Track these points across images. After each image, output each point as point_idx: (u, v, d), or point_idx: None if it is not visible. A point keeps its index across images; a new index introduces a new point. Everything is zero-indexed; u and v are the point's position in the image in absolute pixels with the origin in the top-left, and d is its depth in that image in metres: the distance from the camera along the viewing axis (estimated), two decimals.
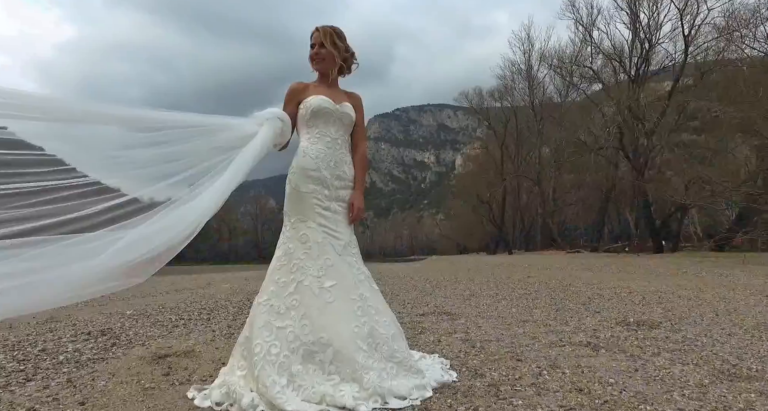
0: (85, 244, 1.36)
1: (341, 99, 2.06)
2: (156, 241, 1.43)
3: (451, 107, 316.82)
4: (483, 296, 5.57)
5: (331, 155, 1.99)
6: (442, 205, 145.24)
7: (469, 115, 47.26)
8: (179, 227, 1.48)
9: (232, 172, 1.66)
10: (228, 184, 1.63)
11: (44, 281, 1.29)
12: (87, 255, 1.34)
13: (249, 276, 14.30)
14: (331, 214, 1.96)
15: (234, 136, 1.77)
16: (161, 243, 1.44)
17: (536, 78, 35.59)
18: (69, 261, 1.32)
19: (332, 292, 1.83)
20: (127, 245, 1.38)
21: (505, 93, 38.19)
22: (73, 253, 1.33)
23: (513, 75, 37.12)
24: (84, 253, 1.34)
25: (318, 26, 2.03)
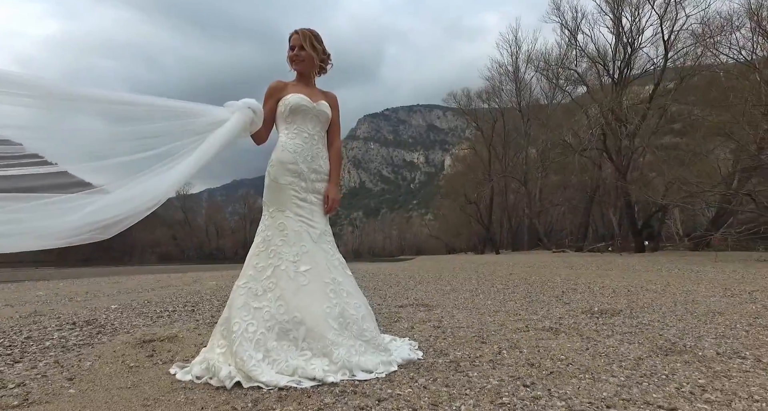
0: (63, 204, 1.53)
1: (318, 97, 2.21)
2: (121, 209, 1.60)
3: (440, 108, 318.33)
4: (462, 291, 5.75)
5: (308, 150, 2.13)
6: (431, 205, 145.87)
7: (459, 116, 47.64)
8: (144, 198, 1.65)
9: (200, 152, 1.80)
10: (195, 163, 1.77)
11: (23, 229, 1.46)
12: (62, 213, 1.51)
13: (236, 274, 14.28)
14: (307, 205, 2.10)
15: (207, 121, 1.90)
16: (126, 211, 1.61)
17: (523, 80, 36.13)
18: (47, 216, 1.49)
19: (307, 275, 1.98)
20: (97, 209, 1.55)
21: (493, 94, 38.67)
22: (52, 210, 1.50)
23: (501, 76, 37.63)
24: (61, 212, 1.51)
25: (297, 29, 2.18)
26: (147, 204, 1.64)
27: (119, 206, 1.58)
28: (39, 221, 1.46)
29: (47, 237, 1.48)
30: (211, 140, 1.84)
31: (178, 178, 1.72)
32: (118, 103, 1.72)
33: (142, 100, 1.77)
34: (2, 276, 21.39)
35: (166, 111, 1.80)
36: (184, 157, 1.77)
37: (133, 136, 1.75)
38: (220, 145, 1.86)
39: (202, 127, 1.87)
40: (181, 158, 1.77)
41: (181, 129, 1.82)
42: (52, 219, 1.48)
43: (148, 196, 1.64)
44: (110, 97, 1.71)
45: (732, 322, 2.91)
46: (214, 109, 1.94)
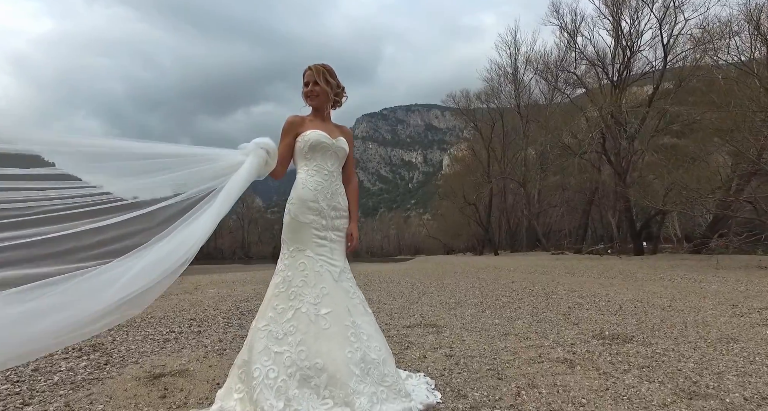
0: (98, 277, 1.44)
1: (336, 133, 2.20)
2: (153, 274, 1.53)
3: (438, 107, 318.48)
4: (468, 305, 5.72)
5: (328, 187, 2.12)
6: (429, 205, 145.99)
7: (457, 115, 47.66)
8: (174, 257, 1.59)
9: (220, 202, 1.77)
10: (217, 213, 1.74)
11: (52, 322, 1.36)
12: (98, 288, 1.42)
13: (236, 279, 14.25)
14: (327, 243, 2.09)
15: (223, 165, 1.87)
16: (158, 275, 1.54)
17: (522, 81, 36.17)
18: (80, 297, 1.40)
19: (328, 319, 1.95)
20: (129, 279, 1.47)
21: (492, 95, 38.68)
22: (85, 288, 1.41)
23: (500, 78, 37.65)
24: (96, 287, 1.42)
25: (310, 65, 2.17)
26: (178, 262, 1.59)
27: (150, 271, 1.52)
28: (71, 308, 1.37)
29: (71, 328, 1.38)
30: (230, 188, 1.81)
31: (203, 230, 1.68)
32: (139, 158, 1.69)
33: (153, 151, 1.73)
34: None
35: (177, 158, 1.77)
36: (204, 208, 1.74)
37: (155, 185, 1.71)
38: (239, 190, 1.85)
39: (220, 172, 1.85)
40: (202, 209, 1.73)
41: (198, 176, 1.80)
42: (85, 301, 1.39)
43: (177, 256, 1.59)
44: (132, 149, 1.68)
45: (749, 352, 2.89)
46: (229, 153, 1.92)
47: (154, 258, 1.53)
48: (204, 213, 1.70)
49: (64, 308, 1.36)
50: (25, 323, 1.31)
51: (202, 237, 1.66)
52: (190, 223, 1.67)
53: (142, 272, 1.49)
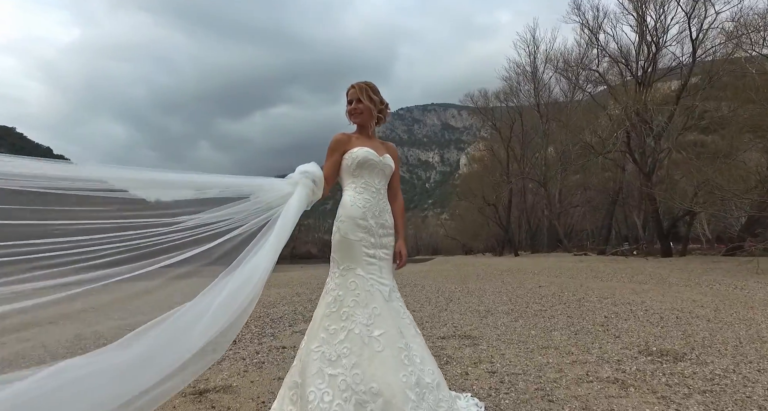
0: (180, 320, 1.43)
1: (382, 150, 2.19)
2: (228, 313, 1.51)
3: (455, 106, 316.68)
4: (499, 313, 5.62)
5: (376, 205, 2.11)
6: (447, 204, 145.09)
7: (474, 114, 47.22)
8: (243, 294, 1.57)
9: (277, 236, 1.75)
10: (275, 249, 1.73)
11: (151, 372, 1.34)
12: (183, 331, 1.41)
13: None
14: (377, 262, 2.06)
15: (272, 198, 1.87)
16: (232, 313, 1.52)
17: (542, 80, 35.52)
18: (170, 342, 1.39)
19: (381, 341, 1.91)
20: (209, 320, 1.46)
21: (511, 94, 38.14)
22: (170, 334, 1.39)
23: (518, 76, 37.08)
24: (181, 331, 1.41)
25: (353, 83, 2.17)
26: (249, 296, 1.59)
27: (227, 307, 1.51)
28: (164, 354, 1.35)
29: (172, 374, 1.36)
30: (282, 223, 1.80)
31: (265, 266, 1.67)
32: (190, 188, 1.69)
33: (201, 182, 1.74)
34: None
35: (233, 191, 1.78)
36: (263, 240, 1.73)
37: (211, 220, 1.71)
38: (292, 223, 1.84)
39: (272, 204, 1.85)
40: (261, 242, 1.73)
41: (247, 211, 1.79)
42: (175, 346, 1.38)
43: (249, 287, 1.58)
44: (183, 180, 1.69)
45: None
46: (277, 183, 1.92)
47: (225, 296, 1.52)
48: (262, 248, 1.70)
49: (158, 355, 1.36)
50: (131, 373, 1.30)
51: (264, 273, 1.65)
52: (251, 258, 1.66)
53: (219, 311, 1.48)
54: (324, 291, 2.06)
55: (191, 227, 1.65)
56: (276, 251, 1.72)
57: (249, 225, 1.76)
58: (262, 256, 1.66)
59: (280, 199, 1.86)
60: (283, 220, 1.79)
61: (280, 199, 1.86)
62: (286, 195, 1.88)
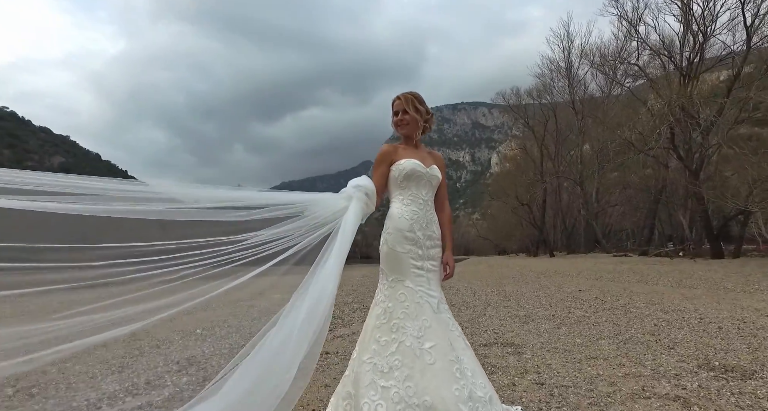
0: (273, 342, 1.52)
1: (429, 161, 2.20)
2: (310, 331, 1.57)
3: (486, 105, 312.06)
4: (540, 319, 5.48)
5: (423, 216, 2.11)
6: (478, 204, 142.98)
7: (505, 112, 46.27)
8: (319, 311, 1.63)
9: (337, 251, 1.79)
10: (338, 265, 1.77)
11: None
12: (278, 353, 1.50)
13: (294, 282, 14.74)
14: (424, 273, 2.07)
15: (327, 213, 1.90)
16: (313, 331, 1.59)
17: (577, 75, 34.42)
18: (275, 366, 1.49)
19: (432, 353, 1.91)
20: (297, 342, 1.52)
21: (544, 91, 37.14)
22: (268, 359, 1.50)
23: (552, 73, 36.07)
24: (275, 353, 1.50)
25: (399, 95, 2.20)
26: (324, 313, 1.64)
27: (309, 324, 1.57)
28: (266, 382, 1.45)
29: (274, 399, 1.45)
30: (341, 239, 1.84)
31: (333, 279, 1.72)
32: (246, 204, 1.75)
33: (267, 197, 1.81)
34: None
35: (290, 207, 1.82)
36: (326, 255, 1.78)
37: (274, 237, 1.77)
38: (350, 237, 1.87)
39: (329, 219, 1.89)
40: (324, 257, 1.77)
41: (312, 222, 1.84)
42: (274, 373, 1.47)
43: (323, 305, 1.64)
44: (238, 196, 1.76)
45: None
46: (331, 198, 1.96)
47: (302, 320, 1.57)
48: (325, 266, 1.73)
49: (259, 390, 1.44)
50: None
51: (331, 295, 1.68)
52: (318, 277, 1.70)
53: (301, 335, 1.54)
54: (373, 302, 2.08)
55: (254, 245, 1.72)
56: (339, 269, 1.76)
57: (308, 240, 1.80)
58: (326, 276, 1.70)
59: (336, 213, 1.90)
60: (341, 236, 1.83)
61: (335, 214, 1.90)
62: (342, 209, 1.92)
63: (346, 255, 1.80)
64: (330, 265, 1.72)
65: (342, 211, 1.92)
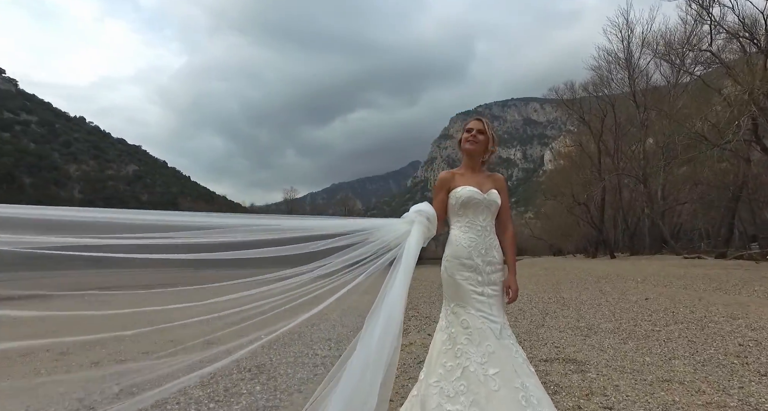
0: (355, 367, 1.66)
1: (487, 186, 2.21)
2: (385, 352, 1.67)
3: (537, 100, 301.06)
4: (603, 332, 5.19)
5: (482, 243, 2.14)
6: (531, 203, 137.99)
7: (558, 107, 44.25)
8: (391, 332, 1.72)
9: (403, 280, 1.85)
10: (404, 288, 1.83)
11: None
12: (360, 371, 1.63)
13: None
14: (485, 299, 2.09)
15: (390, 238, 1.98)
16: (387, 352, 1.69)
17: (638, 66, 32.10)
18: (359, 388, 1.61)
19: (497, 380, 1.92)
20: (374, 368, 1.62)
21: (601, 85, 35.09)
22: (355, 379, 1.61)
23: (609, 65, 33.93)
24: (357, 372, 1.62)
25: (479, 117, 2.27)
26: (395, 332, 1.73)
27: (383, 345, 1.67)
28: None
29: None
30: (405, 264, 1.89)
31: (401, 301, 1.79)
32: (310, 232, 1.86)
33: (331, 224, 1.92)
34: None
35: (354, 235, 1.91)
36: (392, 281, 1.85)
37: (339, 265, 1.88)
38: (413, 261, 1.94)
39: (392, 244, 1.97)
40: (391, 282, 1.85)
41: (376, 248, 1.93)
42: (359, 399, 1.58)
43: (394, 324, 1.73)
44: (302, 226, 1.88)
45: None
46: (393, 223, 2.03)
47: (375, 347, 1.66)
48: (391, 293, 1.80)
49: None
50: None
51: (399, 324, 1.76)
52: (386, 304, 1.78)
53: (377, 363, 1.63)
54: (437, 327, 2.15)
55: (325, 275, 1.85)
56: (404, 294, 1.82)
57: (376, 266, 1.90)
58: (393, 303, 1.76)
59: (399, 238, 1.97)
60: (405, 261, 1.89)
61: (398, 239, 1.97)
62: (404, 234, 1.99)
63: (410, 280, 1.86)
64: (396, 292, 1.79)
65: (405, 235, 1.98)
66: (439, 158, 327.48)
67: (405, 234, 1.98)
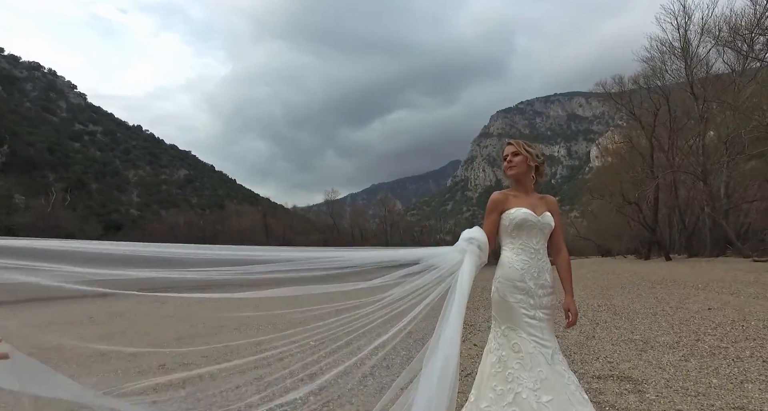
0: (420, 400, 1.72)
1: (541, 208, 2.18)
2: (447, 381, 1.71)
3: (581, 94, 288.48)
4: (661, 347, 4.88)
5: (535, 265, 2.11)
6: (576, 201, 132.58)
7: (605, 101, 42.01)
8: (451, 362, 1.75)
9: (458, 312, 1.85)
10: (460, 317, 1.84)
11: None
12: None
13: None
14: (537, 323, 2.06)
15: (444, 268, 1.99)
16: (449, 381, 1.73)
17: (696, 55, 29.89)
18: None
19: (549, 407, 1.88)
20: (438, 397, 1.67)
21: (653, 77, 33.02)
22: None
23: (663, 55, 31.80)
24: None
25: (511, 140, 2.23)
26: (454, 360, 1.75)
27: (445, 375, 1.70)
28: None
29: None
30: (459, 294, 1.90)
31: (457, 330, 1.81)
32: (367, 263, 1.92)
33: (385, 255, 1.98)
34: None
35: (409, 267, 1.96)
36: (447, 312, 1.87)
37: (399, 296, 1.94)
38: (468, 290, 1.93)
39: (444, 275, 1.97)
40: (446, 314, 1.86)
41: (432, 278, 1.95)
42: None
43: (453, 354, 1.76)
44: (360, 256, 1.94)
45: None
46: (445, 252, 2.03)
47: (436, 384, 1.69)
48: (447, 323, 1.82)
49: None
50: None
51: (455, 362, 1.77)
52: (443, 335, 1.80)
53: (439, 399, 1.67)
54: (487, 348, 2.13)
55: (388, 304, 1.92)
56: (460, 325, 1.83)
57: (431, 297, 1.92)
58: (450, 340, 1.77)
59: (452, 268, 1.98)
60: (459, 293, 1.89)
61: (452, 268, 1.98)
62: (457, 263, 1.99)
63: (464, 310, 1.87)
64: (452, 327, 1.80)
65: (458, 264, 1.98)
66: (479, 157, 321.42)
67: (458, 264, 1.98)
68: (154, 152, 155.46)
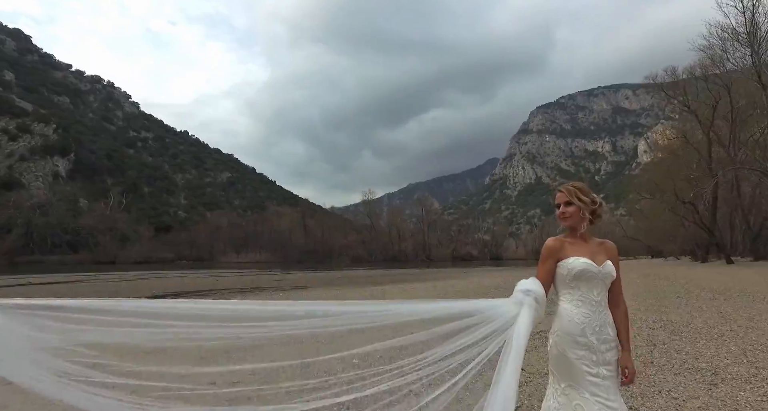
0: None
1: (601, 256, 2.01)
2: None
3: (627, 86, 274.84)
4: (734, 380, 4.37)
5: (596, 319, 1.95)
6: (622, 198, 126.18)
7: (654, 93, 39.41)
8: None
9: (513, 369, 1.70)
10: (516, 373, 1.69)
11: None
12: None
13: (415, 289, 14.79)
14: (600, 381, 1.90)
15: (500, 322, 1.83)
16: None
17: (765, 39, 27.35)
18: None
19: None
20: None
21: (713, 66, 30.67)
22: None
23: (724, 42, 29.39)
24: None
25: (561, 187, 2.08)
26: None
27: None
28: None
29: None
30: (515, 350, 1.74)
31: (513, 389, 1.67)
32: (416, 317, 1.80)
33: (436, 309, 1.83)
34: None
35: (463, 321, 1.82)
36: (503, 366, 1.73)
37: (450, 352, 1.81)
38: (524, 345, 1.79)
39: (499, 329, 1.83)
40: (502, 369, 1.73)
41: (486, 332, 1.81)
42: None
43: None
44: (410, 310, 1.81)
45: None
46: (500, 306, 1.87)
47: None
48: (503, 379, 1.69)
49: None
50: None
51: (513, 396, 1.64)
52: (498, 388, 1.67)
53: None
54: (545, 406, 1.98)
55: (436, 360, 1.79)
56: (516, 386, 1.68)
57: (486, 353, 1.78)
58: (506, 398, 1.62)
59: (508, 322, 1.84)
60: (515, 349, 1.74)
61: (507, 323, 1.83)
62: (513, 317, 1.85)
63: (521, 366, 1.72)
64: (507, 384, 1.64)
65: (513, 319, 1.84)
66: (518, 154, 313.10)
67: (514, 318, 1.83)
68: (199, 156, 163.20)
